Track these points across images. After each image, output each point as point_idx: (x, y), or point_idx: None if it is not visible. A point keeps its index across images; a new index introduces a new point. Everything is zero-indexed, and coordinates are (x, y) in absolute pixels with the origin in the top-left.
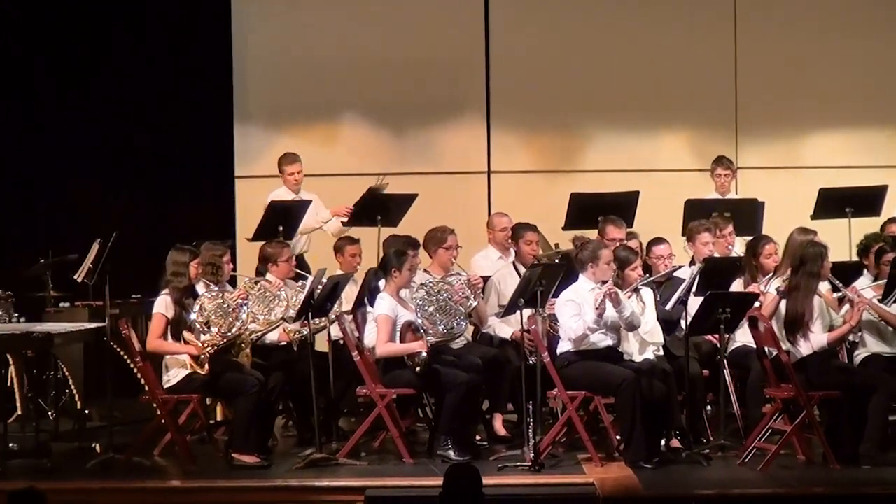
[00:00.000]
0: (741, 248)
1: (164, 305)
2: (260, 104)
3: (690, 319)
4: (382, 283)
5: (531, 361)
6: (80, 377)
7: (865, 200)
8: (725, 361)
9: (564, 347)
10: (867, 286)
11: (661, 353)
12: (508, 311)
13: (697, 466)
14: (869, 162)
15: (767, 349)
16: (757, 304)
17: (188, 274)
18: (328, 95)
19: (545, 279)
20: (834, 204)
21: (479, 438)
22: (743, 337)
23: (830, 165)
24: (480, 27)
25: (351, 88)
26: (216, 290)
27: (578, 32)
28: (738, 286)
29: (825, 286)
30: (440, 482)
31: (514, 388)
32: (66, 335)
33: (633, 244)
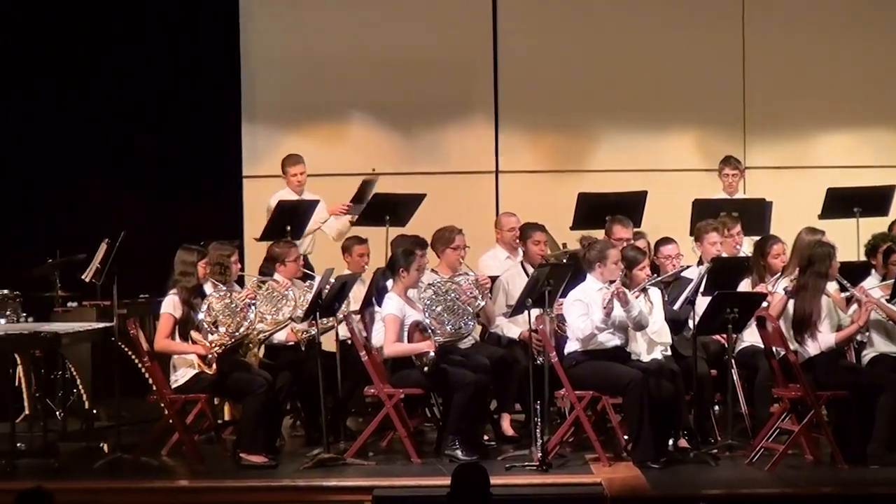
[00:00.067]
0: (749, 247)
1: (172, 305)
2: (268, 104)
3: (698, 319)
4: (390, 282)
5: (539, 361)
6: (87, 377)
7: (873, 200)
8: (733, 361)
9: (572, 347)
10: (875, 286)
11: (668, 352)
12: (516, 311)
13: (705, 466)
14: (877, 162)
15: (775, 349)
16: (765, 303)
17: (196, 274)
18: (336, 95)
19: (553, 279)
20: (842, 204)
21: (486, 438)
22: (751, 337)
23: (838, 165)
24: (488, 27)
25: (359, 88)
26: (224, 289)
27: (586, 33)
28: (745, 286)
29: (833, 286)
30: (448, 482)
31: (521, 387)
32: (73, 335)
33: (640, 244)
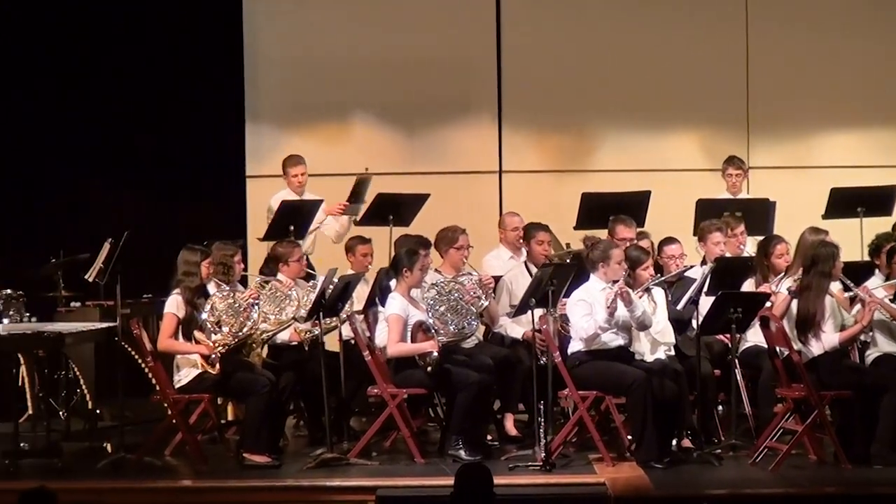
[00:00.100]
0: (752, 247)
1: (175, 305)
2: (271, 104)
3: (702, 319)
4: (393, 282)
5: (542, 361)
6: (91, 377)
7: (877, 200)
8: (737, 361)
9: (575, 347)
10: (878, 286)
11: (672, 352)
12: (520, 310)
13: (709, 466)
14: (881, 161)
15: (779, 349)
16: (768, 303)
17: (199, 273)
18: (339, 95)
19: (556, 279)
20: (845, 203)
21: (490, 438)
22: (754, 337)
23: (842, 165)
24: (492, 27)
25: (362, 88)
26: (227, 289)
27: (590, 32)
28: (749, 286)
29: (837, 286)
30: (451, 482)
31: (525, 387)
32: (77, 335)
33: (644, 244)
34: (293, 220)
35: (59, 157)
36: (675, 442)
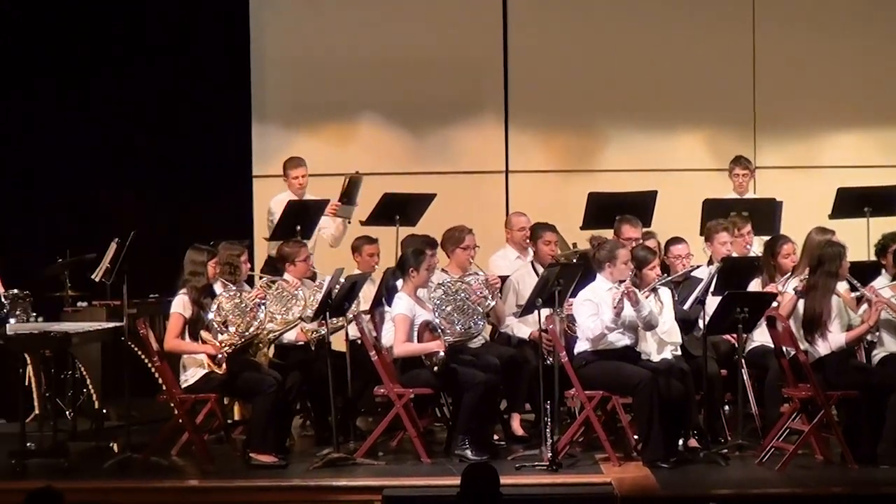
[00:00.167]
0: (759, 247)
1: (181, 305)
2: (277, 103)
3: (708, 319)
4: (400, 282)
5: (549, 361)
6: (97, 377)
7: (884, 200)
8: (743, 361)
9: (582, 347)
10: (885, 286)
11: (678, 352)
12: (526, 310)
13: (715, 466)
14: (888, 161)
15: (785, 349)
16: (775, 303)
17: (206, 273)
18: (346, 95)
19: (563, 279)
20: (852, 203)
21: (496, 438)
22: (761, 336)
23: (849, 165)
24: (498, 27)
25: (369, 88)
26: (234, 289)
27: (596, 32)
28: (755, 286)
29: (843, 286)
30: (458, 482)
31: (531, 387)
32: (83, 335)
33: (650, 244)
34: (300, 219)
35: (62, 157)
36: (681, 442)
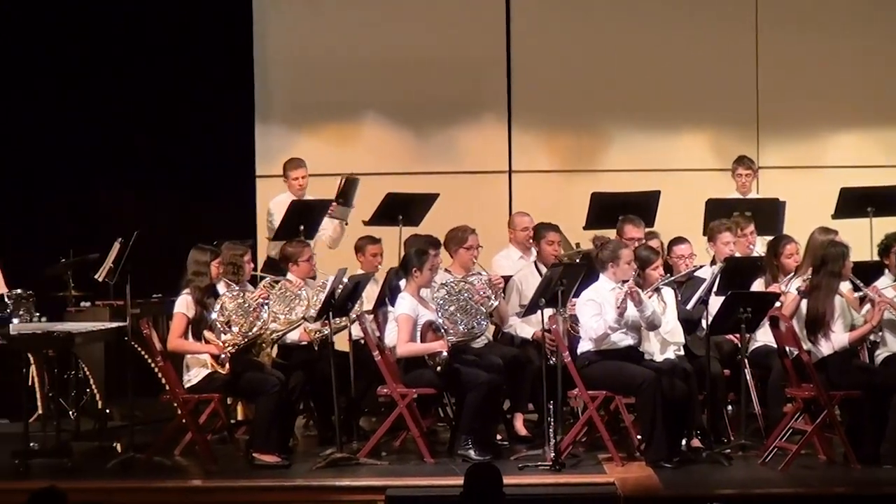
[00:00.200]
0: (762, 247)
1: (185, 305)
2: (281, 103)
3: (711, 319)
4: (403, 282)
5: (552, 361)
6: (100, 377)
7: (887, 200)
8: (746, 361)
9: (585, 347)
10: (888, 286)
11: (681, 352)
12: (529, 310)
13: (718, 466)
14: (890, 161)
15: (788, 349)
16: (778, 303)
17: (209, 273)
18: (349, 95)
19: (566, 279)
20: (855, 203)
21: (499, 438)
22: (764, 336)
23: (852, 165)
24: (502, 27)
25: (372, 88)
26: (237, 289)
27: (599, 32)
28: (759, 286)
29: (846, 286)
30: (461, 482)
31: (534, 387)
32: (87, 334)
33: (654, 244)
34: (303, 219)
35: (62, 157)
36: (684, 442)
